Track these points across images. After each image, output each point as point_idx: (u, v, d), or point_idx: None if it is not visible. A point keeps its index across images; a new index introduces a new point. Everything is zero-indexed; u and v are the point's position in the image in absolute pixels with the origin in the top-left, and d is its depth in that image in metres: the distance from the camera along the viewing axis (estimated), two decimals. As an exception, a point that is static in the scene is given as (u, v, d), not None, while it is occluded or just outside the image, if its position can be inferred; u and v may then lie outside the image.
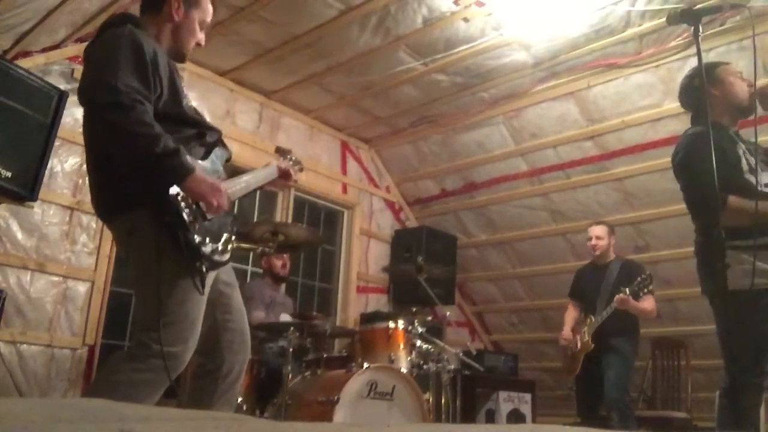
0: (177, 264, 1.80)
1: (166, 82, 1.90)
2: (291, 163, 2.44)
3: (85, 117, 1.93)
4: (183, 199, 1.78)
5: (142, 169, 1.77)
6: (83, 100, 1.80)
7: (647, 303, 4.04)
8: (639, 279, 3.97)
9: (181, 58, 2.09)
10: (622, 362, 3.97)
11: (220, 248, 1.90)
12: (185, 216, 1.77)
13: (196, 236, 1.79)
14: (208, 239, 1.84)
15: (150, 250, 1.79)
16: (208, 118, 2.19)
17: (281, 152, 2.48)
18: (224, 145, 2.12)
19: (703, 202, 2.44)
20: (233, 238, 1.98)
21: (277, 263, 4.22)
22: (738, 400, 2.24)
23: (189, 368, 3.06)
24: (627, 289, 3.93)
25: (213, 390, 1.99)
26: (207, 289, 1.90)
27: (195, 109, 2.08)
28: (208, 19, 2.11)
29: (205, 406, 1.96)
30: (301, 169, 2.51)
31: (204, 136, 2.01)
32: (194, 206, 1.82)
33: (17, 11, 3.14)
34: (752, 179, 2.39)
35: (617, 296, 3.93)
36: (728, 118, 2.56)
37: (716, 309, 2.42)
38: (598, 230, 4.30)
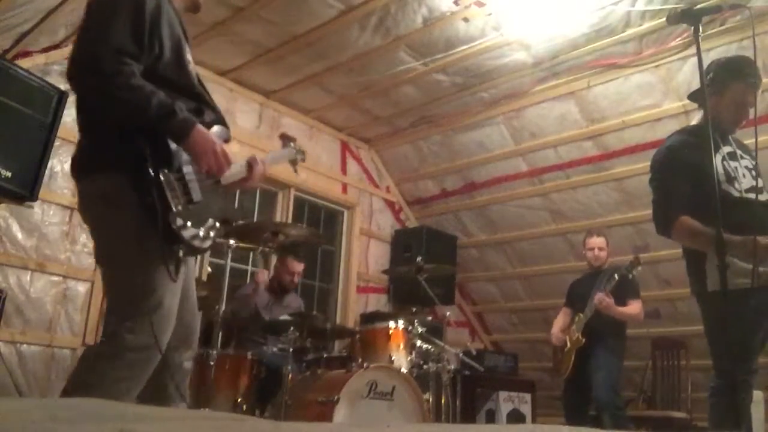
0: (152, 247, 1.68)
1: (169, 43, 1.81)
2: (294, 152, 2.37)
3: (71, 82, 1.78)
4: (167, 177, 1.69)
5: (137, 130, 1.67)
6: (70, 67, 1.70)
7: (632, 308, 4.08)
8: (624, 267, 4.02)
9: (196, 8, 2.05)
10: (610, 362, 3.98)
11: (201, 234, 1.79)
12: (168, 195, 1.67)
13: (178, 219, 1.69)
14: (189, 223, 1.73)
15: (125, 227, 1.70)
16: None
17: (285, 139, 2.40)
18: (225, 124, 1.99)
19: (661, 218, 2.46)
20: (217, 224, 1.87)
21: (287, 277, 4.10)
22: (729, 399, 2.25)
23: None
24: (615, 274, 3.98)
25: (164, 385, 1.82)
26: (181, 276, 1.79)
27: (199, 79, 1.98)
28: None
29: (156, 400, 1.78)
30: (303, 160, 2.40)
31: (202, 113, 1.90)
32: (180, 186, 1.72)
33: (17, 11, 3.14)
34: (730, 189, 2.37)
35: (597, 295, 3.97)
36: (728, 120, 2.54)
37: (704, 308, 2.44)
38: (600, 242, 4.31)
